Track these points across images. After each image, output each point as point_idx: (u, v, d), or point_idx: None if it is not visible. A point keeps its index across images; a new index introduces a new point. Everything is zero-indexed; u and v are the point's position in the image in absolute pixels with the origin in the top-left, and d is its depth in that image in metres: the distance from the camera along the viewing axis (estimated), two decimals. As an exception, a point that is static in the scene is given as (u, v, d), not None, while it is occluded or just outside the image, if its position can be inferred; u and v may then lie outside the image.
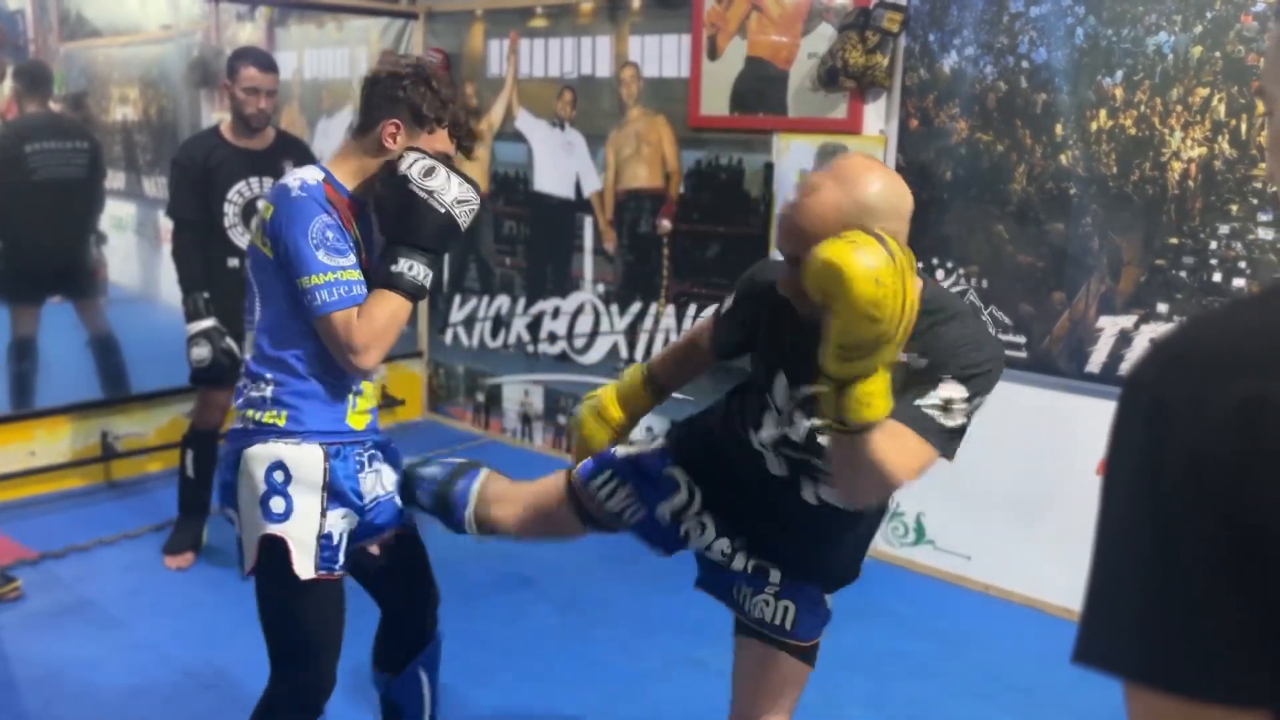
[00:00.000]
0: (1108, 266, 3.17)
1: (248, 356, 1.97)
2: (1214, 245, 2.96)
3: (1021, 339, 3.37)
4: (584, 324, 4.64)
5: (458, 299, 5.13)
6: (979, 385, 1.60)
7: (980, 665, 3.07)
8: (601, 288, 4.55)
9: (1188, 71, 2.95)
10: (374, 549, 2.09)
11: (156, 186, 6.89)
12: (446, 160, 1.93)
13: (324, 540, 1.91)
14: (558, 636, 3.19)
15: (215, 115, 5.78)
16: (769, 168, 3.90)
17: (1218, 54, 2.90)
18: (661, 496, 1.96)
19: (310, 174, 1.91)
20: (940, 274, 3.48)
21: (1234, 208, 2.92)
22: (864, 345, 1.41)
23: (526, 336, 4.87)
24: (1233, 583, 0.61)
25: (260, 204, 1.95)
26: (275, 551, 1.88)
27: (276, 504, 1.88)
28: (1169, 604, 0.64)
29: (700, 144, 4.13)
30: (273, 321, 1.92)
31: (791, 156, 3.82)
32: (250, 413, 1.93)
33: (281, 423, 1.91)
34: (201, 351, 3.41)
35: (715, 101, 4.00)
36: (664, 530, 1.98)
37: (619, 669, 3.00)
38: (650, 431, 4.45)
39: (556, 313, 4.74)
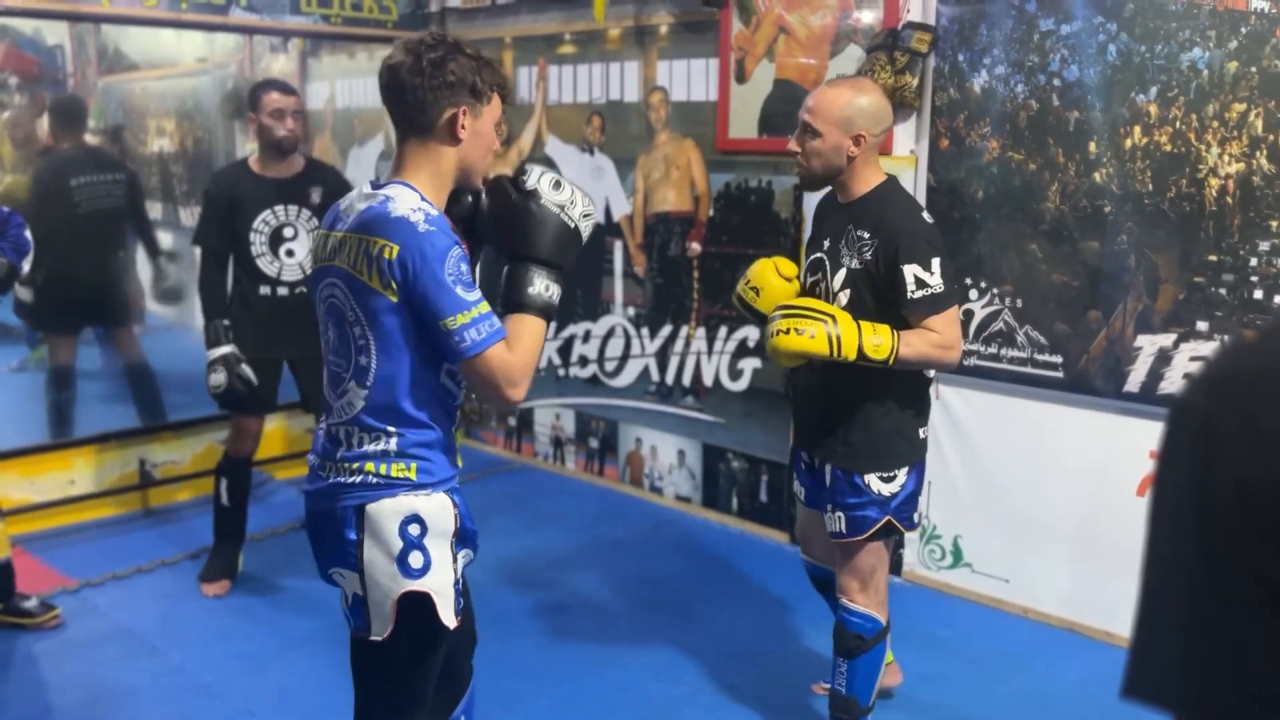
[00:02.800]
0: (1145, 284, 3.13)
1: (357, 409, 1.79)
2: (1254, 262, 2.91)
3: (1058, 359, 3.33)
4: (615, 347, 4.64)
5: (489, 324, 5.14)
6: (923, 252, 2.28)
7: (1019, 689, 3.02)
8: (632, 311, 4.55)
9: (1223, 87, 2.91)
10: None
11: (192, 216, 6.97)
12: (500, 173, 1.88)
13: (456, 585, 1.85)
14: (592, 662, 3.17)
15: (249, 146, 5.86)
16: (798, 189, 3.89)
17: (1253, 69, 2.86)
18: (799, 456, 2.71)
19: (411, 198, 1.76)
20: (973, 294, 3.45)
21: (1274, 224, 2.88)
22: (836, 347, 2.27)
23: (557, 360, 4.88)
24: None
25: (352, 239, 1.76)
26: (417, 607, 1.78)
27: (415, 559, 1.77)
28: (1217, 637, 0.63)
29: (729, 166, 4.13)
30: (395, 371, 1.75)
31: (821, 178, 3.81)
32: (370, 466, 1.78)
33: (413, 476, 1.79)
34: (218, 378, 3.45)
35: (744, 124, 4.00)
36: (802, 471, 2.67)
37: (654, 695, 2.98)
38: (681, 455, 4.44)
39: (587, 336, 4.74)
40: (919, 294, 2.27)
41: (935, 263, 2.28)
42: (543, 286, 1.80)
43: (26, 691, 2.94)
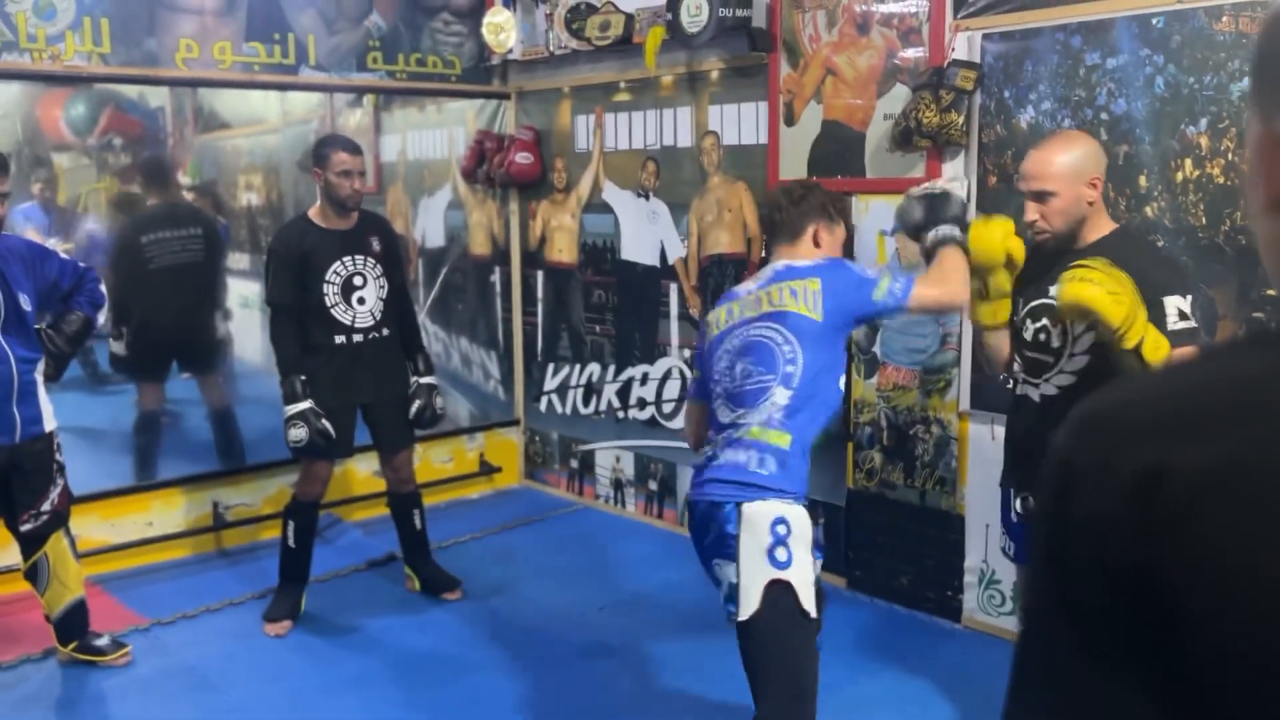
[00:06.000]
0: (1202, 321, 3.02)
1: (777, 407, 2.26)
2: (1315, 296, 2.80)
3: (1114, 398, 3.23)
4: (671, 389, 4.66)
5: (551, 367, 5.22)
6: (1180, 286, 2.32)
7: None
8: (687, 353, 4.57)
9: (1276, 116, 2.82)
10: None
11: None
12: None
13: (816, 584, 2.23)
14: (640, 703, 3.16)
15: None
16: (849, 230, 3.87)
17: (1307, 97, 2.76)
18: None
19: (803, 259, 2.47)
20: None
21: (1335, 256, 2.76)
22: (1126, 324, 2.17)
23: (617, 403, 4.92)
24: (1136, 661, 0.60)
25: (769, 290, 2.40)
26: (782, 594, 2.15)
27: (780, 553, 2.15)
28: (1077, 689, 0.63)
29: (781, 208, 4.13)
30: (811, 376, 2.28)
31: (870, 218, 3.80)
32: (758, 459, 2.23)
33: (785, 484, 2.23)
34: (299, 433, 3.56)
35: (794, 166, 4.01)
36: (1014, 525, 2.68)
37: (697, 741, 2.96)
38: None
39: (645, 379, 4.77)
40: (1181, 325, 2.26)
41: (1190, 299, 2.31)
42: (948, 231, 2.44)
43: (91, 726, 3.07)
